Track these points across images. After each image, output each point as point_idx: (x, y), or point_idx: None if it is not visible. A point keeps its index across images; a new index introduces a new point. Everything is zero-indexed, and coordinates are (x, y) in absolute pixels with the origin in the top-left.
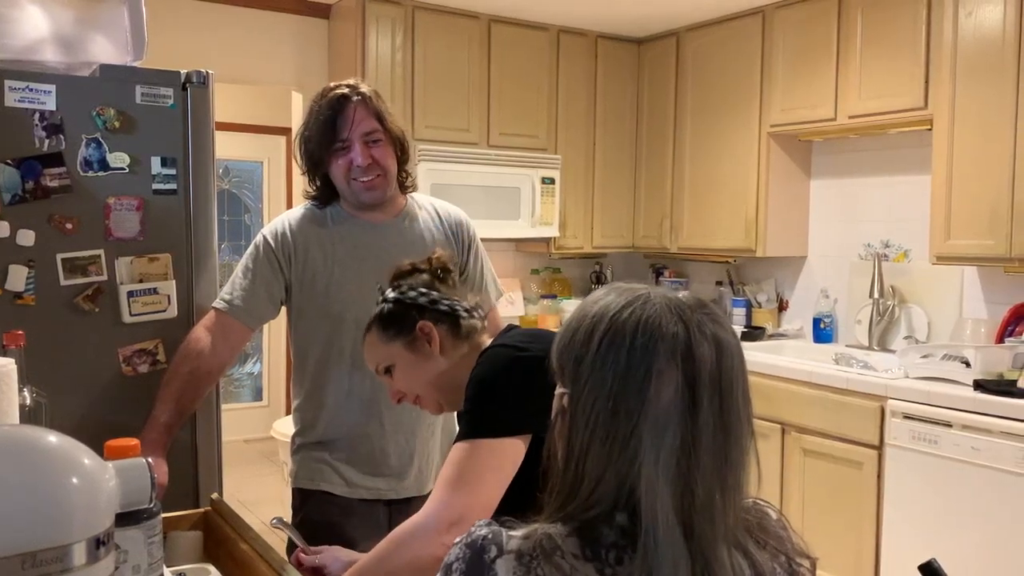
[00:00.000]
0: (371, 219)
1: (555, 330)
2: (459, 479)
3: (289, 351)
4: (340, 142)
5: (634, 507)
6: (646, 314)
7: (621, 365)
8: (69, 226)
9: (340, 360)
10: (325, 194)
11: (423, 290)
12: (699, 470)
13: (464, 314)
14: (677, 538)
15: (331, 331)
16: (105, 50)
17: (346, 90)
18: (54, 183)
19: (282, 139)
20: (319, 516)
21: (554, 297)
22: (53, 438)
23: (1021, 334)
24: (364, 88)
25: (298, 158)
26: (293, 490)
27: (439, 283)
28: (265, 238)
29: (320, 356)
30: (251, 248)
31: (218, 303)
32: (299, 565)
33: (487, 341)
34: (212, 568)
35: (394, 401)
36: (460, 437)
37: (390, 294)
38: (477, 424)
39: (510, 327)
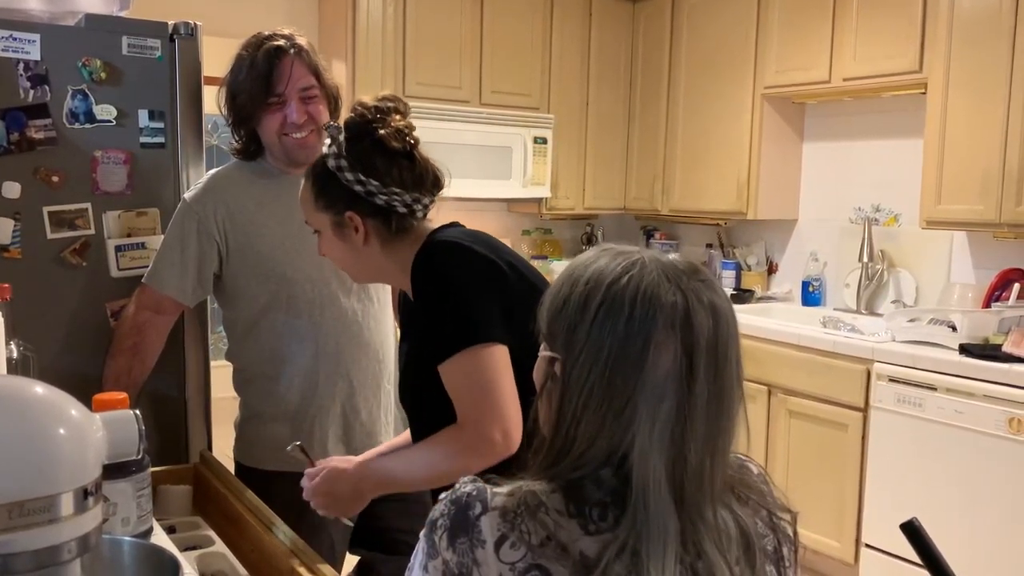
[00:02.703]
0: (302, 174)
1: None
2: (483, 389)
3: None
4: (276, 97)
5: (627, 473)
6: (644, 282)
7: (619, 334)
8: (55, 179)
9: (300, 323)
10: (252, 148)
11: (362, 177)
12: (693, 438)
13: (402, 209)
14: (668, 504)
15: (287, 294)
16: None
17: (282, 42)
18: (39, 135)
19: None
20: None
21: (545, 258)
22: (40, 389)
23: (1008, 299)
24: (301, 40)
25: (223, 109)
26: (255, 470)
27: (384, 160)
28: (192, 207)
29: (276, 321)
30: (177, 217)
31: (150, 280)
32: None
33: (428, 228)
34: (201, 522)
35: (320, 254)
36: (452, 347)
37: (330, 161)
38: (465, 332)
39: (453, 224)
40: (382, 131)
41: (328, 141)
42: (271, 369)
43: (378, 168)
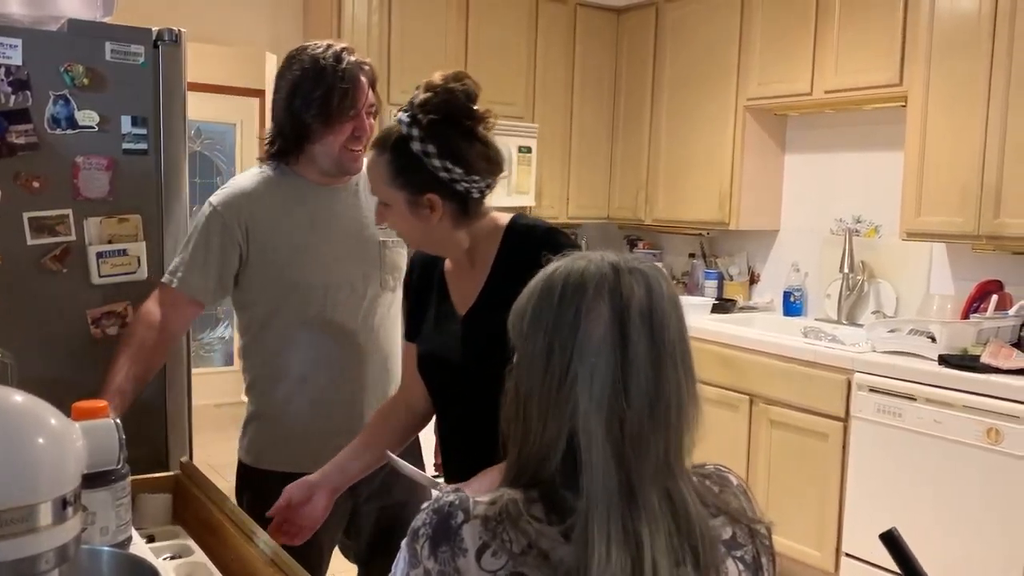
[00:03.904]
0: (326, 183)
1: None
2: None
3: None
4: (355, 110)
5: (578, 452)
6: (578, 267)
7: (554, 307)
8: (36, 184)
9: (310, 328)
10: (292, 155)
11: (449, 165)
12: (628, 401)
13: (477, 195)
14: (608, 463)
15: (300, 300)
16: (73, 4)
17: (355, 56)
18: (20, 140)
19: (255, 101)
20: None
21: None
22: (19, 398)
23: (986, 310)
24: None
25: (280, 113)
26: (255, 469)
27: (469, 148)
28: (217, 209)
29: (286, 326)
30: (202, 220)
31: (172, 280)
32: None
33: (498, 215)
34: (181, 531)
35: (377, 222)
36: None
37: (416, 144)
38: None
39: (520, 212)
40: (471, 119)
41: (407, 120)
42: (276, 372)
43: (464, 156)
